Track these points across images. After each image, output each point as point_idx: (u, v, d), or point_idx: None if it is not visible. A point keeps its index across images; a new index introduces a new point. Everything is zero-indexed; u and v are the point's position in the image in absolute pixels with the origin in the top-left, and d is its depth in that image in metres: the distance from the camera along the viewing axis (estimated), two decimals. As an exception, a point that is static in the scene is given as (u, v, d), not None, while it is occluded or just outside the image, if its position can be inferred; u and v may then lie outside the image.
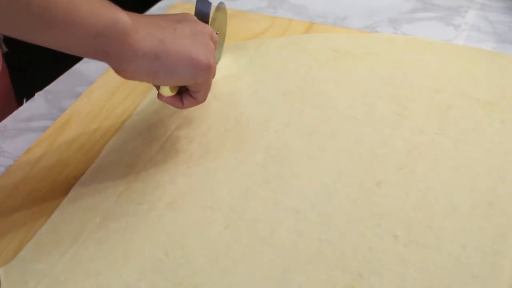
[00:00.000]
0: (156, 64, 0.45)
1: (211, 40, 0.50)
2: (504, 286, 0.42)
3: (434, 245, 0.45)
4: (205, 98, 0.53)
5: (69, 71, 0.68)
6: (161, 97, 0.51)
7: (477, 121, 0.56)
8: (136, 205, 0.49)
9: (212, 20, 0.60)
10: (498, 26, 0.74)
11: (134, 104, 0.62)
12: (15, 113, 0.62)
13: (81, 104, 0.62)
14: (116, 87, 0.64)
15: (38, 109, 0.63)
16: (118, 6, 0.44)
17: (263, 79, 0.64)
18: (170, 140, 0.56)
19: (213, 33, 0.52)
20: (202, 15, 0.55)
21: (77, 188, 0.52)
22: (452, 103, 0.59)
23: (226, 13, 0.64)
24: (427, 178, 0.50)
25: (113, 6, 0.43)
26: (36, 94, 0.65)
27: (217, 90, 0.62)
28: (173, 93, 0.51)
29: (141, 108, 0.61)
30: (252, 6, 0.80)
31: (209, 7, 0.55)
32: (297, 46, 0.69)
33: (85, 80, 0.66)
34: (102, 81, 0.65)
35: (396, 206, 0.48)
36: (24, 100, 0.64)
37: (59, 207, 0.50)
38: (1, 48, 0.72)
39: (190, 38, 0.48)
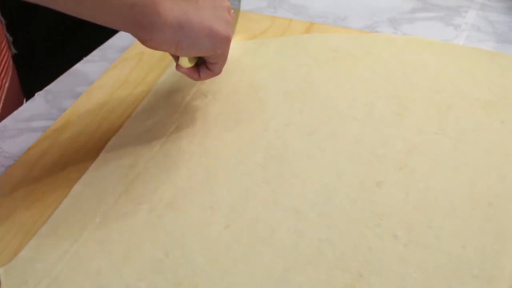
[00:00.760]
0: (180, 34, 0.47)
1: (229, 14, 0.53)
2: (504, 286, 0.42)
3: (434, 245, 0.45)
4: (221, 70, 0.55)
5: (69, 71, 0.68)
6: (179, 68, 0.53)
7: (477, 121, 0.56)
8: (136, 205, 0.49)
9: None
10: (498, 26, 0.74)
11: (134, 104, 0.62)
12: (15, 113, 0.62)
13: (81, 104, 0.62)
14: (116, 87, 0.64)
15: (38, 109, 0.63)
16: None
17: (263, 79, 0.64)
18: (170, 140, 0.56)
19: (230, 8, 0.54)
20: None
21: (77, 188, 0.52)
22: (452, 103, 0.59)
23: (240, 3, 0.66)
24: (427, 178, 0.50)
25: None
26: (36, 94, 0.65)
27: (217, 90, 0.62)
28: (191, 65, 0.53)
29: (141, 108, 0.61)
30: (252, 6, 0.80)
31: None
32: (297, 46, 0.69)
33: (85, 80, 0.66)
34: (102, 81, 0.65)
35: (396, 206, 0.48)
36: (24, 100, 0.64)
37: (59, 207, 0.50)
38: (11, 50, 0.71)
39: (211, 11, 0.50)
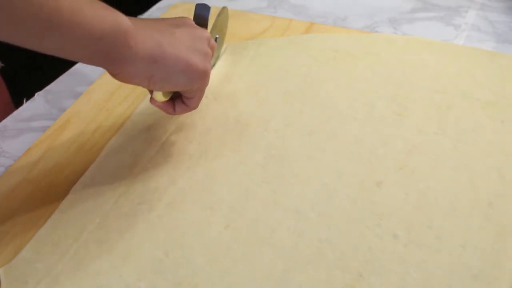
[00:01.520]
0: (153, 68, 0.45)
1: (208, 46, 0.50)
2: (504, 286, 0.42)
3: (434, 245, 0.45)
4: (197, 105, 0.53)
5: (69, 71, 0.68)
6: (153, 101, 0.50)
7: (477, 121, 0.56)
8: (136, 205, 0.49)
9: (214, 26, 0.59)
10: (498, 26, 0.74)
11: (134, 104, 0.62)
12: (15, 113, 0.62)
13: (81, 104, 0.62)
14: (116, 87, 0.64)
15: (38, 109, 0.63)
16: (117, 6, 0.44)
17: (263, 79, 0.64)
18: (170, 140, 0.56)
19: (211, 39, 0.51)
20: (201, 19, 0.54)
21: (77, 188, 0.52)
22: (452, 103, 0.59)
23: (228, 17, 0.64)
24: (427, 178, 0.50)
25: (114, 9, 0.43)
26: (36, 94, 0.65)
27: (217, 90, 0.62)
28: (166, 99, 0.51)
29: (141, 109, 0.61)
30: (252, 6, 0.80)
31: (208, 11, 0.55)
32: (297, 46, 0.69)
33: (85, 80, 0.66)
34: (102, 81, 0.65)
35: (396, 206, 0.48)
36: (24, 100, 0.64)
37: (59, 207, 0.50)
38: None
39: (188, 44, 0.48)
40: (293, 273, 0.43)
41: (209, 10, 0.55)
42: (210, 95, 0.62)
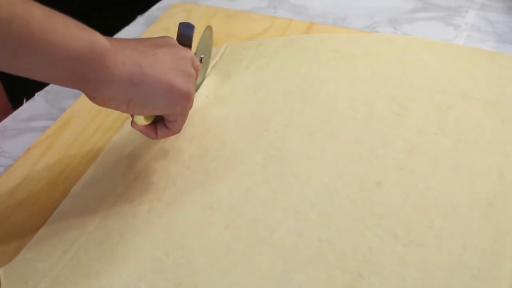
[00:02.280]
0: (132, 91, 0.43)
1: (192, 66, 0.48)
2: (504, 286, 0.42)
3: (434, 245, 0.45)
4: (180, 129, 0.50)
5: (69, 71, 0.68)
6: (134, 125, 0.48)
7: (477, 121, 0.56)
8: (136, 205, 0.50)
9: (198, 45, 0.58)
10: (498, 26, 0.74)
11: (134, 104, 0.62)
12: (15, 113, 0.62)
13: (81, 104, 0.62)
14: (116, 87, 0.64)
15: (38, 109, 0.63)
16: (117, 6, 0.43)
17: (263, 79, 0.64)
18: (170, 140, 0.56)
19: (195, 59, 0.49)
20: (185, 38, 0.52)
21: (77, 188, 0.52)
22: (452, 103, 0.59)
23: (213, 36, 0.63)
24: (427, 178, 0.50)
25: (90, 29, 0.41)
26: (36, 94, 0.65)
27: (217, 90, 0.62)
28: (148, 122, 0.48)
29: (141, 108, 0.61)
30: (252, 6, 0.80)
31: (192, 30, 0.52)
32: (297, 46, 0.69)
33: (85, 80, 0.66)
34: (102, 81, 0.65)
35: (396, 206, 0.48)
36: (24, 100, 0.64)
37: (59, 207, 0.50)
38: None
39: (170, 64, 0.45)
40: (293, 273, 0.43)
41: (193, 29, 0.52)
42: (210, 95, 0.62)
